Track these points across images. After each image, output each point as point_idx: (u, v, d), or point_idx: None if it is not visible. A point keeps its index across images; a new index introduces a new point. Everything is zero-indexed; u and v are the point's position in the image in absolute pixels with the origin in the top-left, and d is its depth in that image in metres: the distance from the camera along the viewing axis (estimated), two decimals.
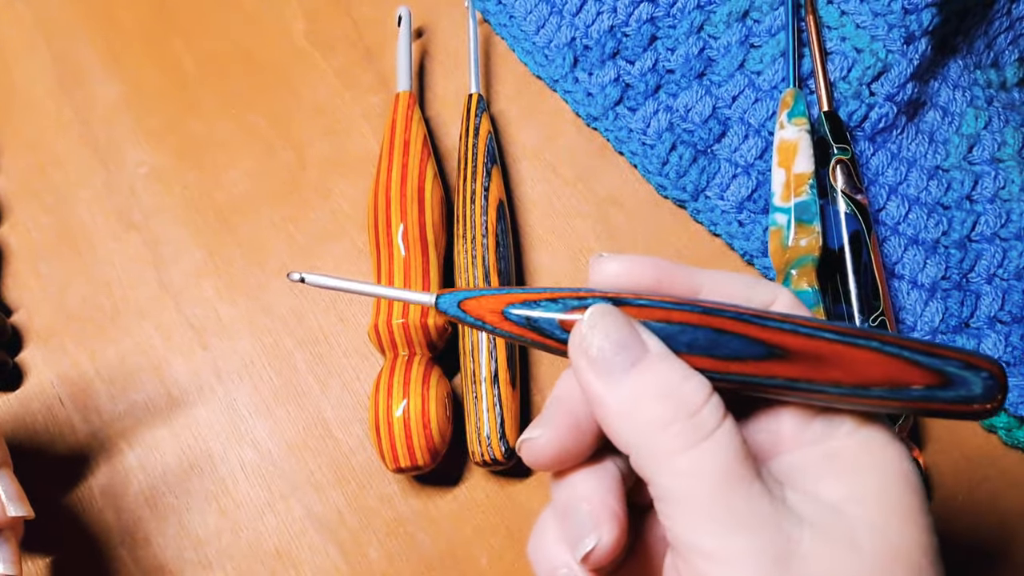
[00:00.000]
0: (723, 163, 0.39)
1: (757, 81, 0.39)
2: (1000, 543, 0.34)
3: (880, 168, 0.38)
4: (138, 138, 0.42)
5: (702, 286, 0.22)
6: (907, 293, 0.37)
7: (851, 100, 0.39)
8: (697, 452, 0.18)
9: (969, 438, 0.36)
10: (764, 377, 0.20)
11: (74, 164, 0.42)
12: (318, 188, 0.41)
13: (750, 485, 0.18)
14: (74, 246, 0.40)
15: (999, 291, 0.36)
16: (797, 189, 0.36)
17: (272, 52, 0.43)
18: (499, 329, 0.21)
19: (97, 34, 0.44)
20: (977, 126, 0.39)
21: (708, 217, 0.38)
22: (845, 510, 0.19)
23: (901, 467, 0.20)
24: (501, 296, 0.21)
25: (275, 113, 0.42)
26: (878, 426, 0.21)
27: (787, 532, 0.18)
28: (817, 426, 0.21)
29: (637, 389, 0.19)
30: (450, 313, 0.22)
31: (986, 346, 0.36)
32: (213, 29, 0.44)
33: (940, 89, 0.39)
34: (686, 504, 0.18)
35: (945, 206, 0.38)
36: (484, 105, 0.39)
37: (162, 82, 0.43)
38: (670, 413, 0.19)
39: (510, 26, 0.42)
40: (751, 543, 0.18)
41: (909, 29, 0.38)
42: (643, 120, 0.39)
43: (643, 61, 0.40)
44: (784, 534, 0.18)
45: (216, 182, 0.41)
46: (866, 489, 0.19)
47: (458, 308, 0.21)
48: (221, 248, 0.40)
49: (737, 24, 0.40)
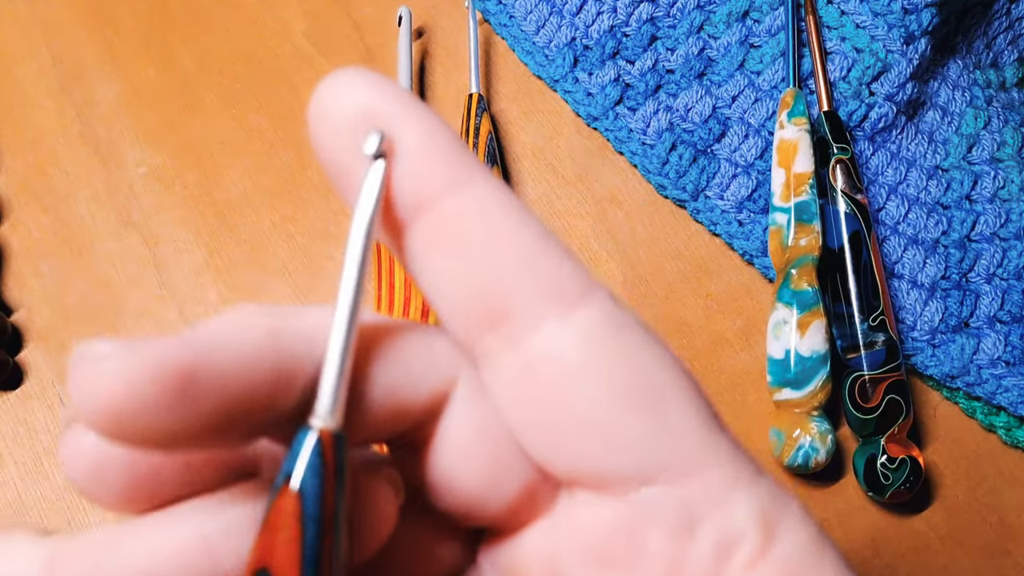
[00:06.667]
0: (723, 163, 0.39)
1: (757, 81, 0.39)
2: (1000, 542, 0.34)
3: (880, 168, 0.38)
4: (138, 138, 0.42)
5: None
6: (907, 293, 0.37)
7: (851, 100, 0.39)
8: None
9: (969, 438, 0.36)
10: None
11: (74, 164, 0.42)
12: (318, 188, 0.41)
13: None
14: (74, 246, 0.40)
15: (999, 291, 0.36)
16: (797, 189, 0.36)
17: (272, 52, 0.43)
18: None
19: (97, 34, 0.44)
20: (976, 126, 0.39)
21: (708, 217, 0.38)
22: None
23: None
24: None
25: (275, 113, 0.42)
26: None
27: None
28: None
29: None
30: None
31: (986, 346, 0.36)
32: (213, 29, 0.44)
33: (940, 89, 0.39)
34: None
35: (944, 206, 0.38)
36: (484, 105, 0.39)
37: (162, 82, 0.43)
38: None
39: (510, 26, 0.42)
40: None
41: (909, 29, 0.38)
42: (643, 120, 0.39)
43: (643, 61, 0.40)
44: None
45: (216, 182, 0.41)
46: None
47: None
48: (221, 248, 0.40)
49: (737, 24, 0.40)
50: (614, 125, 0.40)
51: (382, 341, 0.15)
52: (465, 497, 0.16)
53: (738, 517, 0.15)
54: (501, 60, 0.43)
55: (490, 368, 0.15)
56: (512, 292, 0.14)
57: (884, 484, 0.33)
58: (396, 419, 0.15)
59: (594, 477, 0.15)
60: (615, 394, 0.14)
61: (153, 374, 0.13)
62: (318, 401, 0.14)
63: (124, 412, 0.13)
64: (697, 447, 0.15)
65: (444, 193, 0.14)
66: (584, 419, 0.14)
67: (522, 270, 0.14)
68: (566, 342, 0.14)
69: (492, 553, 0.17)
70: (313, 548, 0.13)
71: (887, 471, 0.33)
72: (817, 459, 0.33)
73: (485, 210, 0.15)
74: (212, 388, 0.13)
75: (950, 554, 0.34)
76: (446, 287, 0.15)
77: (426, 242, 0.15)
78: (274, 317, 0.14)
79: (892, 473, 0.33)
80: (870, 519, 0.35)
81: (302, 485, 0.13)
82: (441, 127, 0.15)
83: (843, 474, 0.35)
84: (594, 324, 0.15)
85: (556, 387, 0.14)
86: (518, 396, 0.15)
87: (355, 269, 0.14)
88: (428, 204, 0.15)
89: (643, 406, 0.14)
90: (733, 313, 0.37)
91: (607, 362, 0.14)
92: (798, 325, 0.34)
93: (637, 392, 0.14)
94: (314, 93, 0.15)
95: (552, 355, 0.14)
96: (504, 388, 0.15)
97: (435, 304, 0.15)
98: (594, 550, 0.15)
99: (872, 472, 0.33)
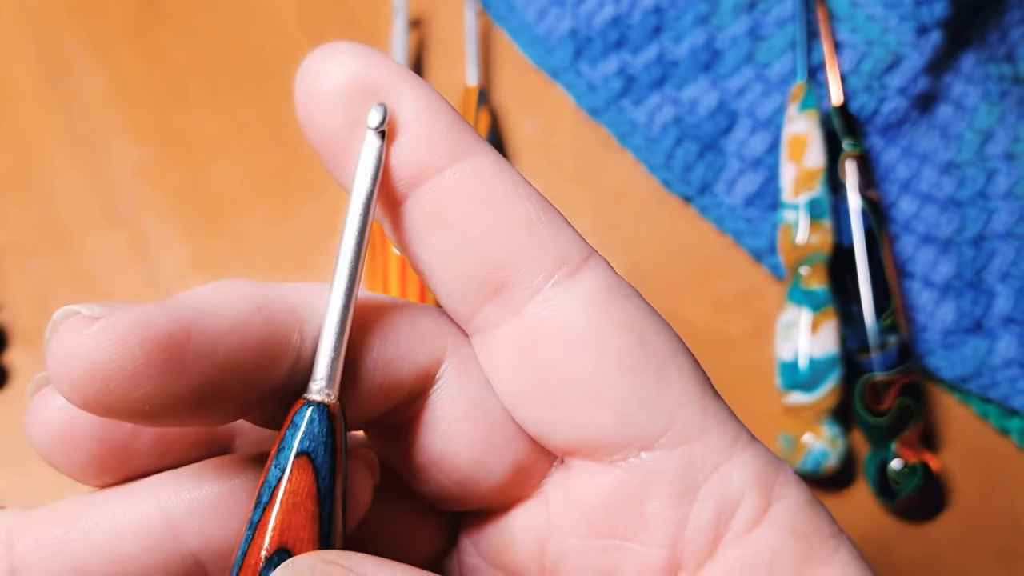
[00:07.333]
0: (730, 158, 0.38)
1: (765, 73, 0.39)
2: (1014, 545, 0.34)
3: (892, 163, 0.38)
4: (125, 132, 0.41)
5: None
6: (919, 292, 0.36)
7: (862, 93, 0.38)
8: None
9: (983, 441, 0.35)
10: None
11: (59, 158, 0.41)
12: (310, 184, 0.40)
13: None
14: (60, 243, 0.39)
15: (1013, 290, 0.36)
16: (808, 184, 0.35)
17: (262, 42, 0.42)
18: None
19: (83, 25, 0.43)
20: (990, 121, 0.38)
21: (715, 213, 0.37)
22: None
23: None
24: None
25: (266, 106, 0.41)
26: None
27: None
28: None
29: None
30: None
31: (1000, 347, 0.35)
32: (202, 19, 0.43)
33: (953, 83, 0.39)
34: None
35: (958, 203, 0.37)
36: (483, 98, 0.38)
37: (150, 74, 0.42)
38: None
39: (510, 16, 0.41)
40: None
41: (921, 20, 0.37)
42: (647, 113, 0.38)
43: (647, 52, 0.39)
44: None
45: (205, 177, 0.40)
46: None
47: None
48: (210, 245, 0.39)
49: (744, 15, 0.39)
50: (618, 119, 0.39)
51: (370, 317, 0.15)
52: (455, 477, 0.15)
53: (737, 479, 0.15)
54: (500, 51, 0.42)
55: (488, 338, 0.15)
56: (513, 259, 0.14)
57: (896, 490, 0.32)
58: (385, 396, 0.15)
59: (594, 444, 0.15)
60: (616, 359, 0.14)
61: (143, 337, 0.12)
62: (315, 374, 0.14)
63: (111, 378, 0.12)
64: (696, 411, 0.15)
65: (444, 163, 0.14)
66: (585, 384, 0.14)
67: (523, 238, 0.14)
68: (567, 308, 0.14)
69: (476, 535, 0.17)
70: (329, 525, 0.13)
71: (899, 476, 0.32)
72: (828, 464, 0.32)
73: (486, 179, 0.14)
74: (202, 355, 0.13)
75: (963, 560, 0.34)
76: (444, 258, 0.15)
77: (425, 213, 0.15)
78: (260, 288, 0.14)
79: (904, 478, 0.32)
80: (882, 525, 0.34)
81: (316, 463, 0.13)
82: (439, 99, 0.15)
83: (854, 479, 0.34)
84: (595, 291, 0.15)
85: (557, 353, 0.14)
86: (517, 364, 0.15)
87: (353, 242, 0.14)
88: (428, 175, 0.14)
89: (644, 371, 0.14)
90: (741, 313, 0.37)
91: (608, 328, 0.14)
92: (809, 326, 0.33)
93: (638, 358, 0.14)
94: (302, 66, 0.15)
95: (553, 321, 0.14)
96: (503, 357, 0.15)
97: (431, 279, 0.15)
98: (591, 521, 0.15)
99: (884, 477, 0.32)
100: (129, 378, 0.12)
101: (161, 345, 0.12)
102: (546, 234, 0.14)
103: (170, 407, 0.13)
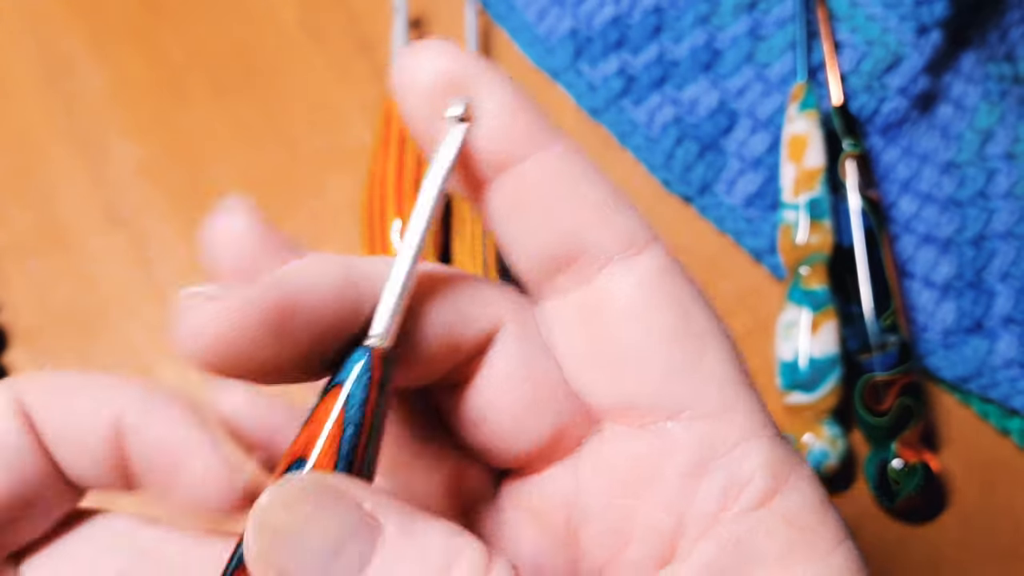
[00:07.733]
0: (730, 158, 0.38)
1: (766, 73, 0.39)
2: (1015, 546, 0.34)
3: (892, 163, 0.38)
4: (126, 131, 0.41)
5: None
6: (919, 292, 0.36)
7: (862, 93, 0.38)
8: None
9: (983, 442, 0.35)
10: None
11: (60, 158, 0.41)
12: (311, 182, 0.40)
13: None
14: (60, 243, 0.39)
15: (1013, 290, 0.36)
16: (808, 184, 0.35)
17: (263, 42, 0.42)
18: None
19: (83, 24, 0.43)
20: (991, 120, 0.38)
21: (715, 213, 0.37)
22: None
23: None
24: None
25: (266, 105, 0.41)
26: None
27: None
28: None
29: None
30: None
31: (1000, 347, 0.35)
32: (202, 19, 0.43)
33: (953, 83, 0.39)
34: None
35: (958, 203, 0.37)
36: None
37: (149, 73, 0.42)
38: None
39: (510, 16, 0.41)
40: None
41: (921, 20, 0.37)
42: (648, 113, 0.38)
43: (647, 52, 0.39)
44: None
45: (205, 176, 0.40)
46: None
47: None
48: None
49: (744, 15, 0.39)
50: (618, 119, 0.39)
51: (438, 285, 0.17)
52: (501, 432, 0.17)
53: (749, 463, 0.16)
54: (500, 51, 0.42)
55: (555, 303, 0.17)
56: (588, 236, 0.16)
57: (896, 490, 0.32)
58: (449, 354, 0.17)
59: (628, 405, 0.16)
60: (661, 330, 0.16)
61: (261, 310, 0.15)
62: (374, 324, 0.15)
63: (231, 347, 0.14)
64: (723, 391, 0.16)
65: (525, 153, 0.16)
66: (630, 350, 0.16)
67: (598, 218, 0.16)
68: (627, 282, 0.16)
69: (513, 489, 0.18)
70: (348, 447, 0.15)
71: (899, 477, 0.32)
72: (829, 464, 0.32)
73: (563, 168, 0.16)
74: (307, 322, 0.15)
75: (963, 560, 0.34)
76: (524, 235, 0.17)
77: (507, 197, 0.17)
78: (347, 261, 0.16)
79: (904, 478, 0.32)
80: (882, 525, 0.34)
81: (349, 392, 0.15)
82: (522, 94, 0.16)
83: (854, 480, 0.34)
84: (652, 269, 0.16)
85: (612, 320, 0.16)
86: (578, 328, 0.17)
87: (425, 213, 0.16)
88: (509, 163, 0.16)
89: (683, 345, 0.16)
90: (741, 313, 0.37)
91: (659, 302, 0.16)
92: (809, 326, 0.33)
93: (681, 331, 0.16)
94: (397, 62, 0.17)
95: (613, 292, 0.16)
96: (567, 320, 0.17)
97: (510, 248, 0.17)
98: (617, 479, 0.16)
99: (884, 478, 0.32)
100: (249, 345, 0.15)
101: (274, 316, 0.15)
102: (617, 216, 0.16)
103: (279, 367, 0.15)
